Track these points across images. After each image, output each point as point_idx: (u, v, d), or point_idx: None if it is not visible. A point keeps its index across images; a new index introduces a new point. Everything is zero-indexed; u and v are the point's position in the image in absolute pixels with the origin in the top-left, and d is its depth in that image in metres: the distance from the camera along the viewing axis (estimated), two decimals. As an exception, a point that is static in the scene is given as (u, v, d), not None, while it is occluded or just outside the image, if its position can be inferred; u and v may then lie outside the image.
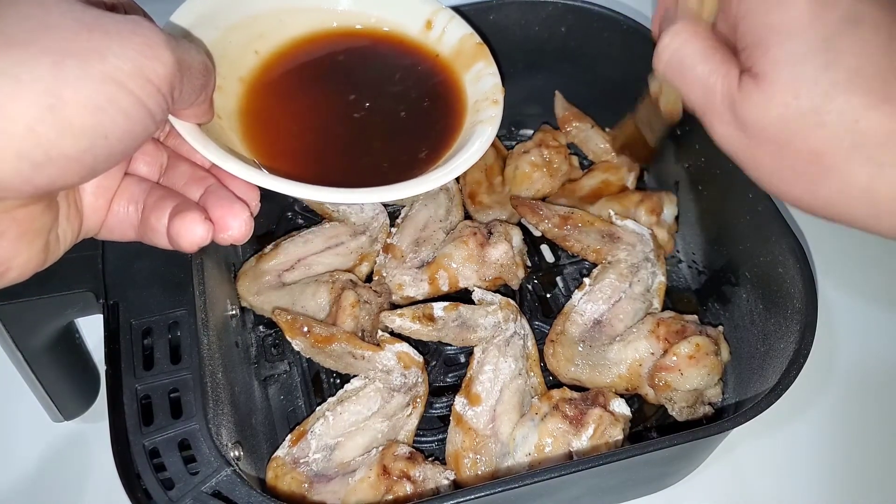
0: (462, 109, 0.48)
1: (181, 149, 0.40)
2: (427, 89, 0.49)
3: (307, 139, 0.46)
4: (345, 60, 0.49)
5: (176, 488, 0.43)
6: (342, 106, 0.48)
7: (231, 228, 0.36)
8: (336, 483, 0.53)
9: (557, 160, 0.70)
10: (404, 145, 0.47)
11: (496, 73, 0.48)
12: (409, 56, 0.50)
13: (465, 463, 0.54)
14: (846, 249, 0.74)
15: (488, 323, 0.58)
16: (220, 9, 0.45)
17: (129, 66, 0.29)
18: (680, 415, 0.57)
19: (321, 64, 0.49)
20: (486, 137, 0.45)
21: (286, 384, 0.62)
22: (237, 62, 0.47)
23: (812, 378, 0.52)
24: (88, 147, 0.29)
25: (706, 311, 0.66)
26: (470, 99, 0.48)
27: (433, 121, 0.48)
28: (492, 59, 0.49)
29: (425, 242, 0.65)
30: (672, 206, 0.68)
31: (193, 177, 0.38)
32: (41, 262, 0.33)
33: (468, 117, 0.48)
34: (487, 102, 0.47)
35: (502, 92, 0.48)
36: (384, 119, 0.48)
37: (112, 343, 0.48)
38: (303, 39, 0.50)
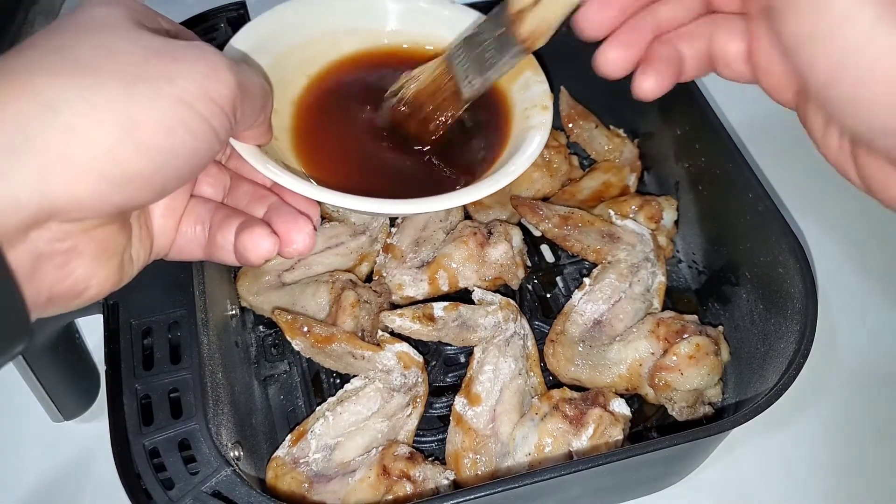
0: (510, 118, 0.50)
1: (242, 170, 0.41)
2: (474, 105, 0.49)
3: (359, 155, 0.48)
4: (391, 78, 0.51)
5: (176, 488, 0.43)
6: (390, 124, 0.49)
7: (296, 242, 0.37)
8: (336, 483, 0.53)
9: (557, 160, 0.70)
10: (455, 156, 0.48)
11: (544, 81, 0.50)
12: None
13: (465, 463, 0.54)
14: (846, 249, 0.74)
15: (488, 323, 0.58)
16: (276, 35, 0.47)
17: (195, 89, 0.30)
18: (680, 415, 0.57)
19: (368, 82, 0.51)
20: (538, 142, 0.46)
21: (286, 384, 0.62)
22: (290, 86, 0.49)
23: (812, 378, 0.52)
24: (161, 166, 0.30)
25: (706, 311, 0.66)
26: (519, 106, 0.50)
27: (482, 131, 0.50)
28: (539, 67, 0.51)
29: (425, 242, 0.65)
30: (672, 210, 0.68)
31: (256, 195, 0.40)
32: (117, 281, 0.34)
33: (517, 124, 0.49)
34: (537, 109, 0.48)
35: (551, 98, 0.49)
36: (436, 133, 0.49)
37: (112, 343, 0.48)
38: (350, 58, 0.52)
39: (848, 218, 0.77)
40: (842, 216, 0.77)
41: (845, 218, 0.76)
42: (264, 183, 0.41)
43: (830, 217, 0.76)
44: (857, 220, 0.76)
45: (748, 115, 0.83)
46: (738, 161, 0.60)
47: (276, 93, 0.45)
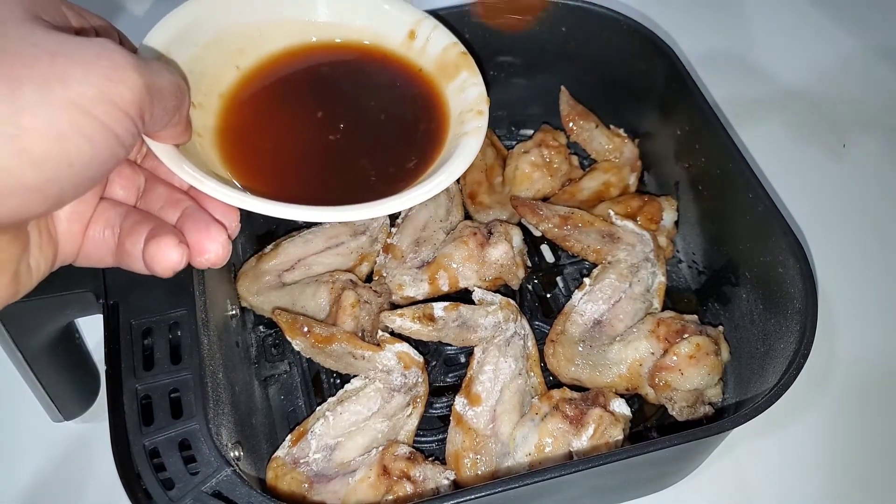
0: (446, 121, 0.47)
1: (159, 171, 0.39)
2: (410, 102, 0.48)
3: (288, 156, 0.46)
4: (326, 75, 0.49)
5: (176, 488, 0.43)
6: (323, 122, 0.47)
7: (208, 252, 0.35)
8: (336, 483, 0.53)
9: (558, 160, 0.70)
10: (386, 161, 0.46)
11: (480, 83, 0.48)
12: (391, 69, 0.50)
13: (465, 463, 0.54)
14: (846, 249, 0.74)
15: (488, 323, 0.58)
16: (198, 24, 0.45)
17: (92, 92, 0.28)
18: (680, 415, 0.57)
19: (302, 79, 0.49)
20: (471, 150, 0.44)
21: (286, 384, 0.62)
22: (217, 78, 0.46)
23: (812, 378, 0.52)
24: (52, 177, 0.28)
25: (706, 311, 0.66)
26: (454, 110, 0.47)
27: (416, 135, 0.47)
28: (476, 68, 0.48)
29: (425, 242, 0.65)
30: (672, 211, 0.68)
31: (170, 199, 0.37)
32: (12, 293, 0.32)
33: (452, 129, 0.47)
34: (472, 113, 0.46)
35: (487, 102, 0.47)
36: (366, 135, 0.47)
37: (112, 343, 0.48)
38: (283, 54, 0.49)
39: (848, 218, 0.77)
40: (842, 216, 0.77)
41: (845, 218, 0.76)
42: (182, 185, 0.38)
43: (830, 217, 0.76)
44: (857, 220, 0.77)
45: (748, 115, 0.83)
46: (738, 161, 0.60)
47: (201, 85, 0.43)
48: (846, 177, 0.80)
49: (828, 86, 0.88)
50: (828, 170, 0.81)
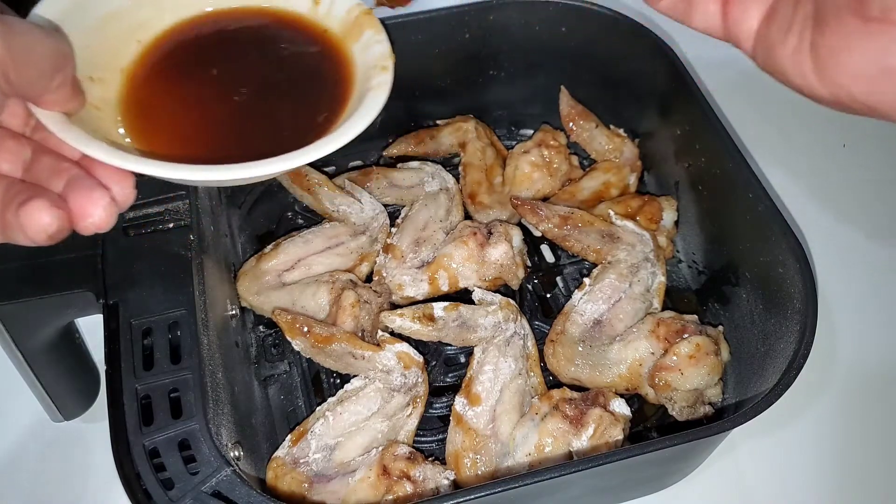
0: (352, 78, 0.48)
1: (49, 142, 0.38)
2: (316, 62, 0.48)
3: (195, 124, 0.45)
4: (229, 42, 0.49)
5: (176, 488, 0.43)
6: (228, 86, 0.47)
7: (90, 216, 0.34)
8: (336, 483, 0.53)
9: (557, 160, 0.70)
10: (295, 118, 0.46)
11: (385, 41, 0.48)
12: (297, 32, 0.50)
13: (465, 463, 0.54)
14: (846, 249, 0.74)
15: (488, 323, 0.58)
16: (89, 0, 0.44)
17: None
18: (680, 415, 0.57)
19: (206, 48, 0.49)
20: (377, 102, 0.44)
21: (286, 384, 0.62)
22: (117, 52, 0.46)
23: (812, 378, 0.52)
24: None
25: (706, 311, 0.66)
26: (360, 68, 0.48)
27: (324, 93, 0.48)
28: (380, 26, 0.49)
29: (425, 242, 0.65)
30: (672, 210, 0.68)
31: (57, 169, 0.36)
32: None
33: (359, 85, 0.47)
34: (377, 69, 0.47)
35: (392, 58, 0.47)
36: (273, 95, 0.47)
37: (112, 343, 0.48)
38: (187, 23, 0.49)
39: (848, 218, 0.77)
40: (842, 216, 0.77)
41: (845, 218, 0.76)
42: (72, 156, 0.37)
43: (830, 217, 0.76)
44: (857, 220, 0.77)
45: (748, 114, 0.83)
46: (738, 161, 0.60)
47: (100, 59, 0.43)
48: (846, 177, 0.80)
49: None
50: (828, 170, 0.81)
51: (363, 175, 0.71)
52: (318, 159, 0.40)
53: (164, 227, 0.53)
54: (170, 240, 0.53)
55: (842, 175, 0.80)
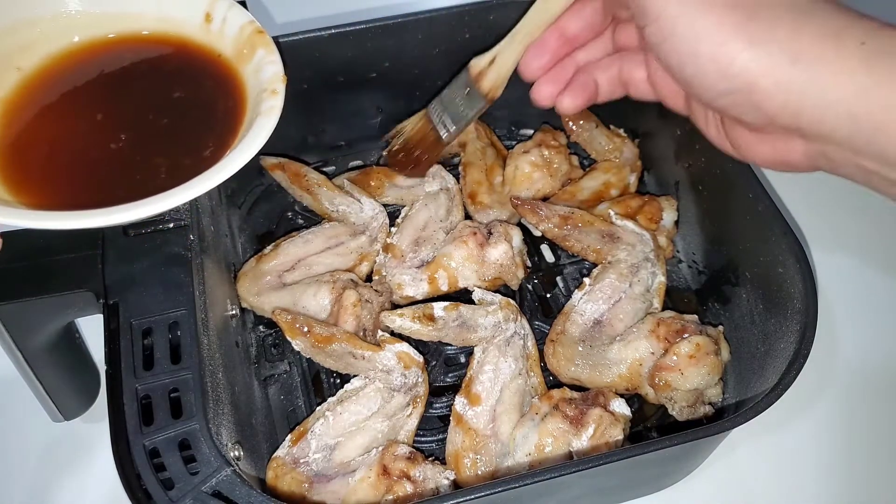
0: (243, 105, 0.45)
1: None
2: (206, 90, 0.46)
3: (72, 165, 0.43)
4: (116, 70, 0.46)
5: (176, 488, 0.43)
6: (110, 122, 0.44)
7: None
8: (336, 483, 0.53)
9: (558, 160, 0.70)
10: (180, 154, 0.44)
11: (277, 61, 0.45)
12: (190, 58, 0.47)
13: (466, 463, 0.54)
14: (846, 249, 0.74)
15: (488, 323, 0.58)
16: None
17: None
18: (680, 415, 0.57)
19: (89, 77, 0.46)
20: (263, 130, 0.42)
21: (286, 384, 0.62)
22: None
23: (812, 378, 0.52)
24: None
25: (706, 311, 0.66)
26: (252, 92, 0.45)
27: (213, 123, 0.45)
28: (273, 46, 0.46)
29: (425, 242, 0.65)
30: (672, 210, 0.68)
31: None
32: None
33: (249, 112, 0.44)
34: (267, 93, 0.44)
35: (283, 80, 0.45)
36: (157, 130, 0.45)
37: (112, 343, 0.48)
38: (74, 50, 0.46)
39: (848, 218, 0.77)
40: (842, 216, 0.77)
41: (845, 218, 0.76)
42: None
43: (830, 217, 0.76)
44: (857, 220, 0.76)
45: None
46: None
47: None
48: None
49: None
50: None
51: (363, 175, 0.71)
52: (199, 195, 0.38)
53: (164, 227, 0.53)
54: (170, 240, 0.53)
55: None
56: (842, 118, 0.35)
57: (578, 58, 0.51)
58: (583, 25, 0.49)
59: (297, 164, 0.70)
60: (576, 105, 0.51)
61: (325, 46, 0.66)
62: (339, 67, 0.68)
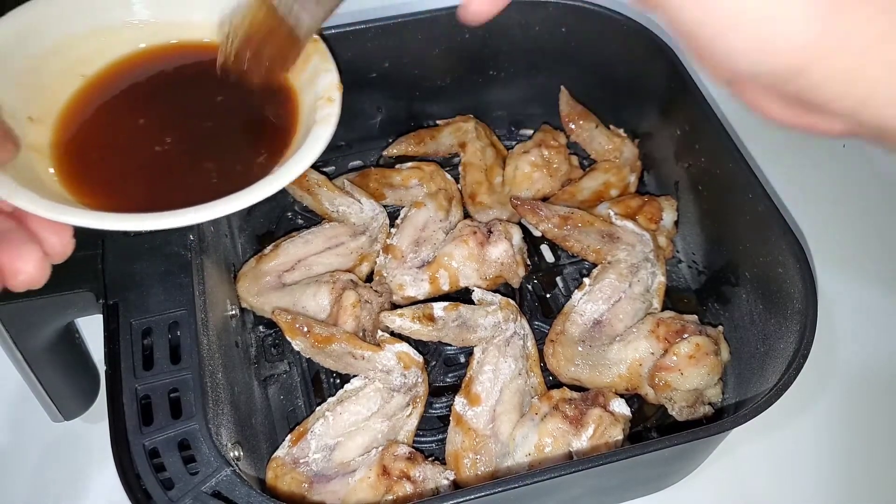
0: (297, 112, 0.46)
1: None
2: (258, 97, 0.46)
3: (129, 168, 0.43)
4: (169, 79, 0.47)
5: (176, 488, 0.43)
6: (164, 128, 0.45)
7: (20, 273, 0.33)
8: (336, 483, 0.53)
9: (557, 160, 0.70)
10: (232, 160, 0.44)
11: (333, 70, 0.45)
12: None
13: (465, 463, 0.54)
14: (846, 249, 0.74)
15: (488, 323, 0.58)
16: (33, 34, 0.42)
17: None
18: (680, 415, 0.57)
19: (144, 85, 0.46)
20: (320, 139, 0.42)
21: (286, 384, 0.62)
22: (58, 90, 0.44)
23: (812, 378, 0.52)
24: None
25: (706, 311, 0.66)
26: (307, 100, 0.45)
27: (265, 129, 0.46)
28: (328, 54, 0.46)
29: (425, 242, 0.65)
30: (671, 211, 0.68)
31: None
32: None
33: (305, 120, 0.45)
34: (323, 101, 0.44)
35: (339, 88, 0.45)
36: (210, 136, 0.45)
37: (112, 343, 0.48)
38: (129, 59, 0.47)
39: (848, 218, 0.77)
40: (842, 216, 0.77)
41: (845, 218, 0.76)
42: (6, 207, 0.36)
43: (830, 217, 0.76)
44: (857, 220, 0.76)
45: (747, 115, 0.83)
46: (738, 161, 0.60)
47: (40, 98, 0.42)
48: (846, 177, 0.80)
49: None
50: (828, 170, 0.81)
51: (363, 176, 0.71)
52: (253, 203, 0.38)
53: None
54: (170, 240, 0.53)
55: (842, 175, 0.80)
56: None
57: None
58: None
59: (297, 165, 0.70)
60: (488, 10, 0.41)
61: (324, 46, 0.66)
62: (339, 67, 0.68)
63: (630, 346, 0.58)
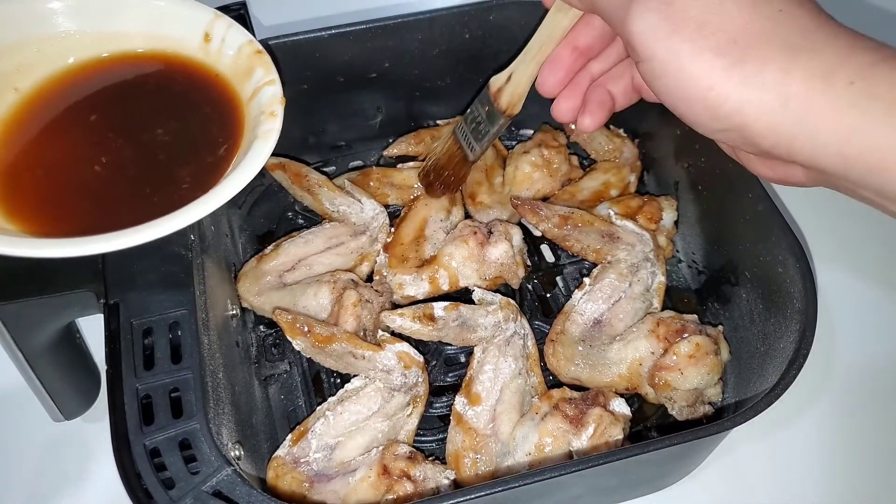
0: (241, 126, 0.45)
1: None
2: (204, 109, 0.45)
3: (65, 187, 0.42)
4: (114, 94, 0.45)
5: (176, 488, 0.43)
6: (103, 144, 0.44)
7: None
8: (336, 483, 0.53)
9: (557, 160, 0.70)
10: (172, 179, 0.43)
11: (276, 82, 0.45)
12: (188, 79, 0.47)
13: (466, 462, 0.54)
14: (846, 249, 0.74)
15: (488, 323, 0.58)
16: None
17: None
18: (680, 414, 0.57)
19: (85, 98, 0.45)
20: (260, 154, 0.41)
21: (286, 384, 0.62)
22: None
23: (812, 378, 0.52)
24: None
25: (706, 311, 0.66)
26: (251, 113, 0.45)
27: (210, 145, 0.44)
28: (272, 66, 0.45)
29: (425, 242, 0.65)
30: (671, 210, 0.68)
31: None
32: None
33: (247, 134, 0.44)
34: (266, 115, 0.43)
35: (282, 102, 0.44)
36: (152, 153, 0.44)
37: (112, 343, 0.48)
38: (70, 70, 0.45)
39: (848, 218, 0.77)
40: (842, 216, 0.77)
41: (845, 218, 0.76)
42: None
43: (830, 217, 0.76)
44: (857, 220, 0.76)
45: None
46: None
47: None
48: (846, 177, 0.80)
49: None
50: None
51: (363, 176, 0.71)
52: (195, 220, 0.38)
53: (165, 227, 0.53)
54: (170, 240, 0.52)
55: (842, 175, 0.80)
56: (834, 159, 0.35)
57: (593, 69, 0.51)
58: (593, 36, 0.49)
59: (298, 165, 0.70)
60: (596, 123, 0.51)
61: (325, 46, 0.66)
62: (339, 67, 0.68)
63: (630, 345, 0.58)
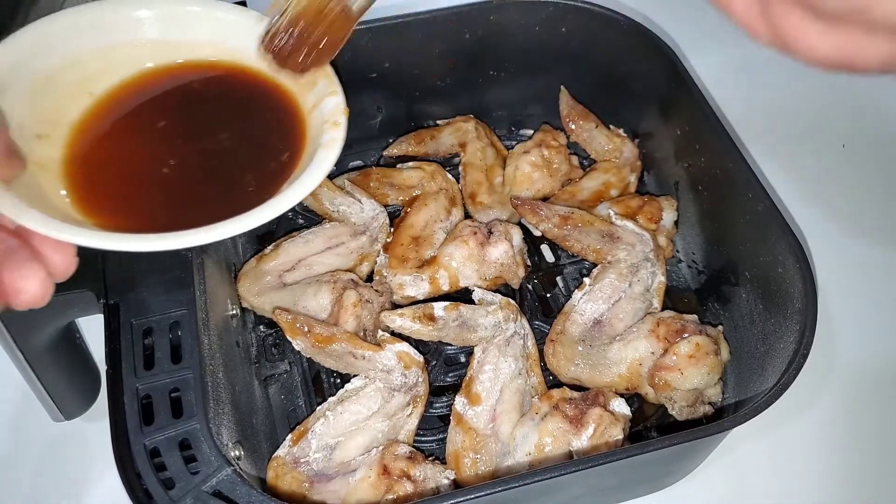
0: (304, 135, 0.46)
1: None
2: (267, 119, 0.46)
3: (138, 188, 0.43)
4: (180, 100, 0.47)
5: (176, 488, 0.43)
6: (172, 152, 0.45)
7: (22, 292, 0.33)
8: (336, 482, 0.53)
9: (557, 160, 0.70)
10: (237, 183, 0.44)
11: (339, 92, 0.45)
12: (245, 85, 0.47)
13: (466, 462, 0.54)
14: (846, 249, 0.74)
15: (488, 323, 0.58)
16: (43, 50, 0.42)
17: None
18: (680, 414, 0.57)
19: (154, 104, 0.46)
20: (324, 163, 0.42)
21: (286, 384, 0.62)
22: (68, 107, 0.44)
23: (812, 378, 0.52)
24: None
25: (706, 311, 0.66)
26: (314, 123, 0.45)
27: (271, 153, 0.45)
28: (333, 76, 0.46)
29: (425, 242, 0.65)
30: (672, 211, 0.68)
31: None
32: None
33: (310, 143, 0.45)
34: (329, 125, 0.44)
35: (345, 113, 0.45)
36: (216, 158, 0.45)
37: (113, 343, 0.48)
38: (138, 77, 0.47)
39: (848, 218, 0.77)
40: (842, 216, 0.77)
41: (845, 218, 0.77)
42: (9, 224, 0.35)
43: (830, 217, 0.76)
44: (858, 221, 0.77)
45: (748, 115, 0.83)
46: (738, 161, 0.60)
47: (48, 114, 0.42)
48: (846, 177, 0.80)
49: (828, 84, 0.88)
50: (828, 170, 0.81)
51: (363, 176, 0.71)
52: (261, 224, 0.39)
53: (165, 227, 0.53)
54: (170, 240, 0.53)
55: (842, 175, 0.80)
56: None
57: None
58: None
59: (298, 164, 0.70)
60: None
61: (325, 46, 0.66)
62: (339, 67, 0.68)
63: (630, 345, 0.58)
